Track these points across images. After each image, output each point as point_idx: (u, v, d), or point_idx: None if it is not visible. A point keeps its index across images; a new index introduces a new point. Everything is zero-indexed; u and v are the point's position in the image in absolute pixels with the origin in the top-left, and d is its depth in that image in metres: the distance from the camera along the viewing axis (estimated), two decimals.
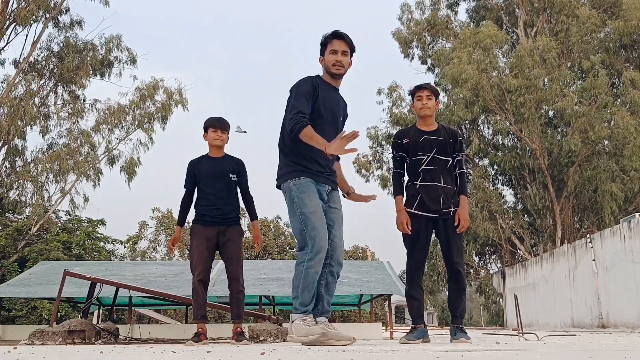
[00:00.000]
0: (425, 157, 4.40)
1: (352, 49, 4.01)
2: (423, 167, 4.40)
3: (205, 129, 4.78)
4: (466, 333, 4.28)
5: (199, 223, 4.70)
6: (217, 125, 4.74)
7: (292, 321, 3.79)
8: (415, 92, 4.52)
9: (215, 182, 4.70)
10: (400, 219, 4.40)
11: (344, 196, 4.22)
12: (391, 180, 4.61)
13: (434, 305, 41.62)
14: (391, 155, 4.70)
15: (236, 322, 4.69)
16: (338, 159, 4.19)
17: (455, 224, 4.34)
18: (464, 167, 4.56)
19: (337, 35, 3.97)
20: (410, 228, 4.36)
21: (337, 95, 4.05)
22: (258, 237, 4.84)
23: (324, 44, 4.00)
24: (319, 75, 4.04)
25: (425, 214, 4.36)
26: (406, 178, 4.55)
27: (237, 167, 4.79)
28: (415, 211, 4.38)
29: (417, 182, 4.41)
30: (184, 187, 4.81)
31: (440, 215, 4.36)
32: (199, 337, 4.50)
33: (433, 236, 4.56)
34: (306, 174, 3.82)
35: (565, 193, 21.69)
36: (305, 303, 3.76)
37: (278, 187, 4.01)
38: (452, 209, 4.37)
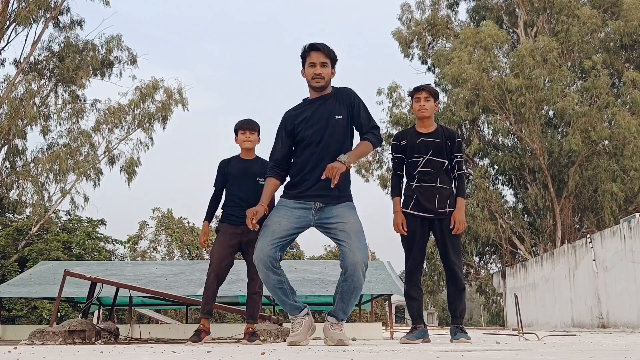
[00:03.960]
0: (421, 159, 4.43)
1: (332, 59, 3.90)
2: (419, 168, 4.42)
3: (235, 132, 4.82)
4: (466, 333, 4.28)
5: (225, 222, 4.70)
6: (245, 127, 4.76)
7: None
8: (413, 93, 4.53)
9: (242, 183, 4.71)
10: (396, 220, 4.43)
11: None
12: (390, 182, 4.63)
13: (434, 306, 41.59)
14: (390, 157, 4.73)
15: (249, 322, 4.68)
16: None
17: (451, 226, 4.34)
18: (463, 169, 4.56)
19: (313, 47, 3.87)
20: (406, 229, 4.38)
21: (323, 105, 3.92)
22: None
23: (303, 57, 3.92)
24: (304, 99, 4.01)
25: (420, 214, 4.38)
26: (404, 179, 4.58)
27: (265, 170, 4.79)
28: (411, 211, 4.40)
29: (413, 183, 4.44)
30: (214, 186, 4.83)
31: (436, 216, 4.37)
32: (199, 336, 4.42)
33: (432, 236, 4.56)
34: (287, 196, 3.97)
35: (566, 193, 21.70)
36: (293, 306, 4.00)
37: None
38: (448, 210, 4.38)
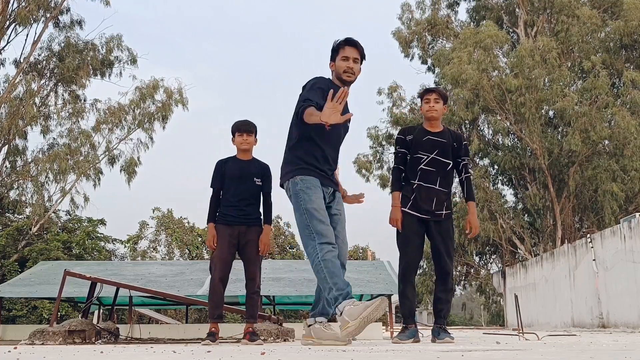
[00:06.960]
0: (425, 157, 4.46)
1: (363, 57, 4.02)
2: (422, 166, 4.45)
3: (232, 133, 4.81)
4: (450, 333, 4.39)
5: (221, 222, 4.70)
6: (242, 130, 4.75)
7: (341, 311, 3.50)
8: (423, 94, 4.62)
9: (239, 184, 4.72)
10: (394, 215, 4.44)
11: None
12: (390, 175, 4.68)
13: None
14: (394, 151, 4.77)
15: (250, 321, 4.70)
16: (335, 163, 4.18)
17: (467, 231, 4.45)
18: (470, 172, 4.61)
19: (349, 42, 3.97)
20: (402, 226, 4.42)
21: (345, 104, 3.96)
22: (262, 241, 4.71)
23: (336, 49, 3.99)
24: (330, 79, 4.01)
25: (417, 214, 4.42)
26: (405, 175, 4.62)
27: (263, 171, 4.81)
28: (408, 210, 4.44)
29: (414, 182, 4.46)
30: (211, 186, 4.81)
31: (432, 218, 4.43)
32: (214, 337, 4.49)
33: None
34: (313, 173, 3.85)
35: (566, 193, 21.69)
36: (341, 287, 3.58)
37: (282, 185, 4.00)
38: (444, 212, 4.44)
